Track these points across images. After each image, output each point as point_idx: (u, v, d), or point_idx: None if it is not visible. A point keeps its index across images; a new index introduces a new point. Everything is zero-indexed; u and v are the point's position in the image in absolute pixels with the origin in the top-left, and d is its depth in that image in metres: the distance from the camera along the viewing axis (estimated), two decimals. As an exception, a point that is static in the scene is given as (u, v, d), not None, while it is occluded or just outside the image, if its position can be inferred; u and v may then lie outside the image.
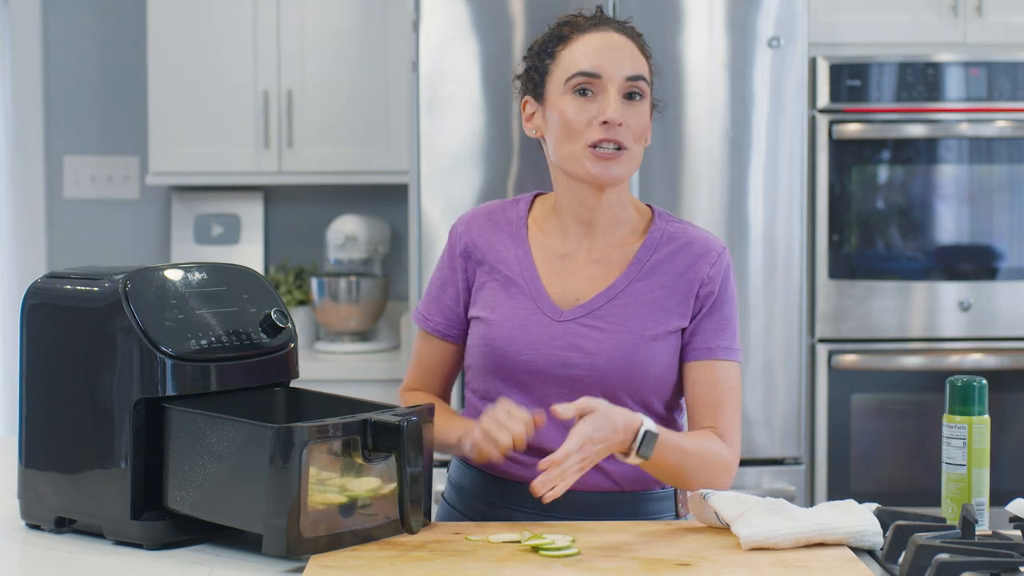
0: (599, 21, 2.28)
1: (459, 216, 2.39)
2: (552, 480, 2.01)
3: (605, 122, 2.20)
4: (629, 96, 2.23)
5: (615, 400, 2.20)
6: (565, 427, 2.21)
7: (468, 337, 2.33)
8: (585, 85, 2.23)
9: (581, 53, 2.24)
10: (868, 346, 4.10)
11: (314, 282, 4.46)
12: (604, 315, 2.25)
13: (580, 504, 2.22)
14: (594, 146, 2.21)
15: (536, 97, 2.30)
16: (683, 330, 2.27)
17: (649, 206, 2.35)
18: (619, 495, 2.26)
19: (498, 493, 2.28)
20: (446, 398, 2.42)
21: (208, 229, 4.63)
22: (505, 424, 2.09)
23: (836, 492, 4.05)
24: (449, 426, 2.25)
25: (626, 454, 2.10)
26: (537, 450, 2.23)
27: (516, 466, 2.25)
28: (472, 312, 2.31)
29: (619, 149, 2.22)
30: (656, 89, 2.31)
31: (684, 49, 3.83)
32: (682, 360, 2.29)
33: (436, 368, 2.38)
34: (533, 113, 2.31)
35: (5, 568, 1.96)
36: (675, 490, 2.32)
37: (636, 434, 2.10)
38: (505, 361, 2.26)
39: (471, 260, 2.32)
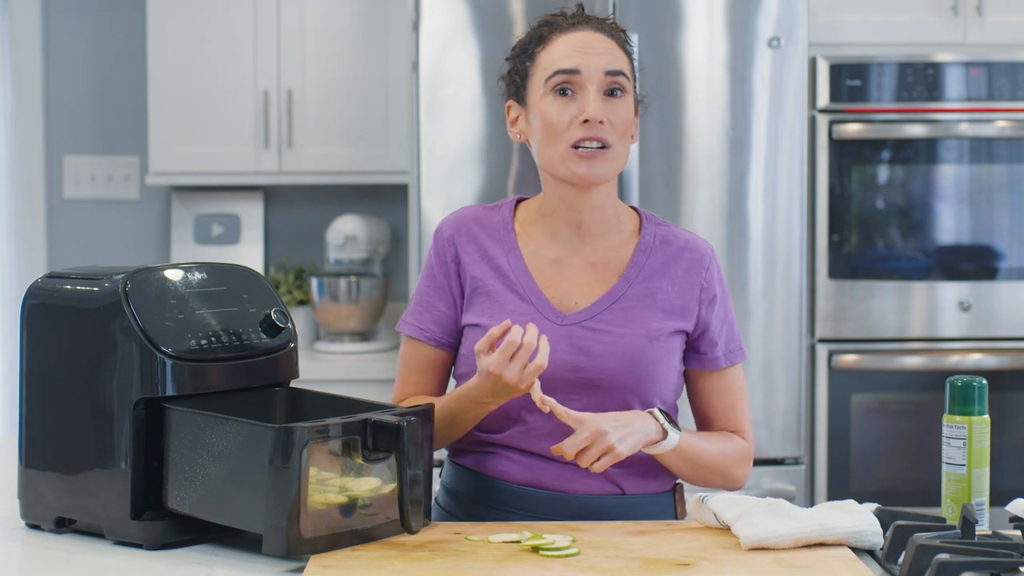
0: (578, 20, 2.25)
1: (442, 219, 2.35)
2: (586, 453, 2.10)
3: (586, 121, 2.17)
4: (610, 93, 2.21)
5: (623, 402, 2.20)
6: (564, 432, 2.21)
7: (463, 345, 2.28)
8: (564, 84, 2.20)
9: (559, 52, 2.21)
10: (868, 346, 4.10)
11: (314, 282, 4.46)
12: (609, 319, 2.23)
13: (579, 506, 2.21)
14: (576, 146, 2.19)
15: (519, 100, 2.27)
16: (687, 336, 2.27)
17: (634, 208, 2.34)
18: (619, 498, 2.24)
19: (494, 496, 2.25)
20: None
21: (208, 229, 4.62)
22: (520, 375, 2.07)
23: (836, 492, 4.04)
24: (452, 401, 2.19)
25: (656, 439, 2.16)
26: (533, 453, 2.22)
27: (511, 467, 2.24)
28: (467, 319, 2.27)
29: (602, 147, 2.19)
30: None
31: (684, 49, 3.83)
32: (689, 367, 2.30)
33: (433, 375, 2.32)
34: (517, 117, 2.28)
35: (5, 568, 1.96)
36: (673, 492, 2.31)
37: (654, 413, 2.17)
38: None
39: (461, 265, 2.28)
